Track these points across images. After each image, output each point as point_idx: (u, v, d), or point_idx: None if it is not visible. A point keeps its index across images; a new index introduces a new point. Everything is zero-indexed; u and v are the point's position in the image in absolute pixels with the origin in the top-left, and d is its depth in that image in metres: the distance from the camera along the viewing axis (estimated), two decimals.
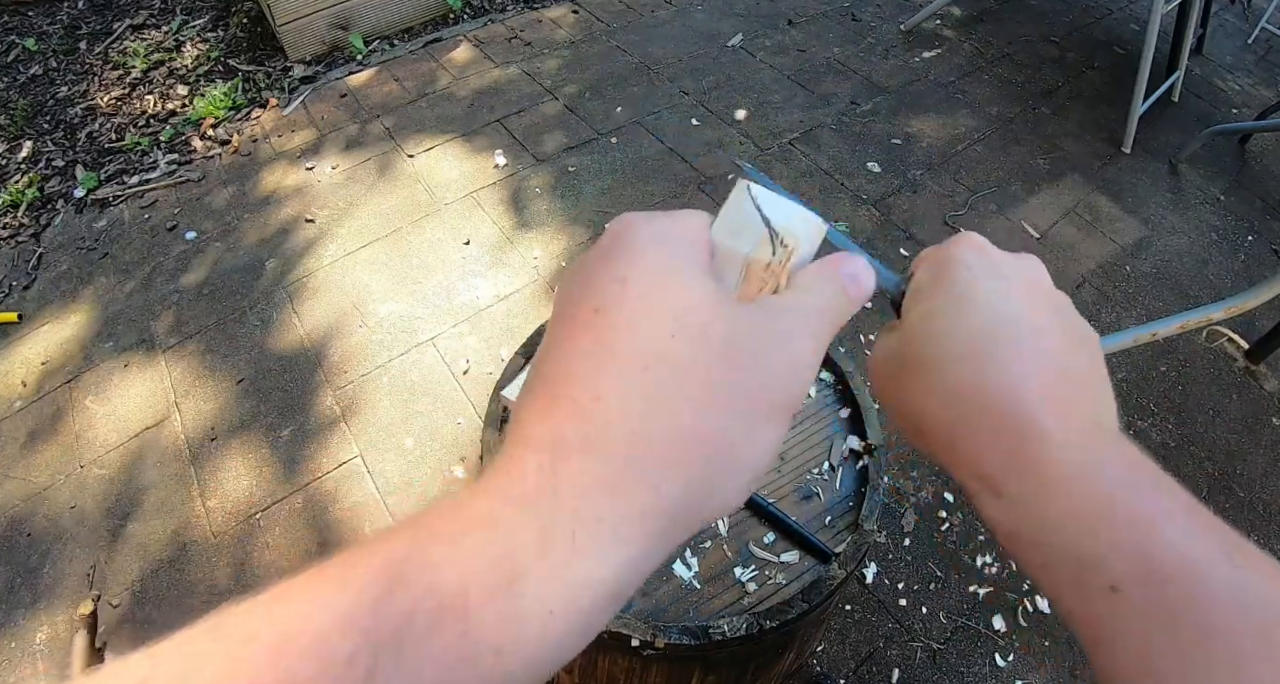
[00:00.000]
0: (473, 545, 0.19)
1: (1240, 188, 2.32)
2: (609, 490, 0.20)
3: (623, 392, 0.21)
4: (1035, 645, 1.36)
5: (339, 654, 0.17)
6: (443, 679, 0.17)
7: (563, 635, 0.19)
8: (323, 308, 1.86)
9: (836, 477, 0.92)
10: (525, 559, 0.19)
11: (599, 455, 0.21)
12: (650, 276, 0.23)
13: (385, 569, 0.18)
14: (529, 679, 0.19)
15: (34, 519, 1.51)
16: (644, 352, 0.22)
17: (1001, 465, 0.25)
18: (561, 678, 1.01)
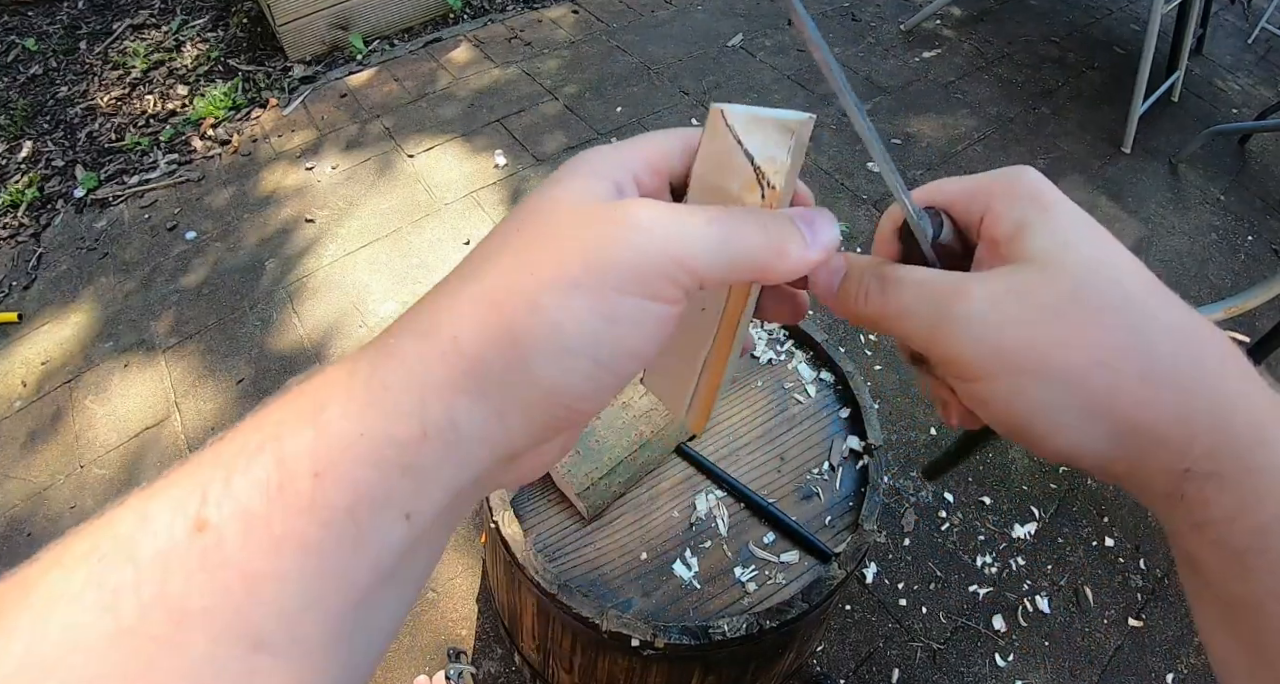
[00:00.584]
0: (297, 390, 0.21)
1: (1240, 188, 2.32)
2: (415, 335, 0.21)
3: (467, 264, 0.23)
4: (1035, 645, 1.36)
5: (179, 491, 0.18)
6: (270, 505, 0.18)
7: (376, 459, 0.19)
8: (323, 308, 1.86)
9: (836, 477, 0.92)
10: (332, 390, 0.20)
11: (420, 308, 0.22)
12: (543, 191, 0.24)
13: (232, 430, 0.21)
14: (357, 506, 0.19)
15: (34, 519, 1.51)
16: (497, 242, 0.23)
17: (1257, 419, 0.21)
18: (562, 678, 1.01)
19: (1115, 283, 0.23)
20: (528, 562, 0.81)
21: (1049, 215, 0.25)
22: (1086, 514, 1.54)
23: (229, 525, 0.18)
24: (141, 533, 0.18)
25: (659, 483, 0.91)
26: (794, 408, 0.98)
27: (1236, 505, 0.21)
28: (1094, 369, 0.22)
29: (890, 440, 1.64)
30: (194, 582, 0.17)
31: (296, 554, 0.18)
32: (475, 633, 1.35)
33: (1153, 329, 0.22)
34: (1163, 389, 0.22)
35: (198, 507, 0.18)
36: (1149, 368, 0.22)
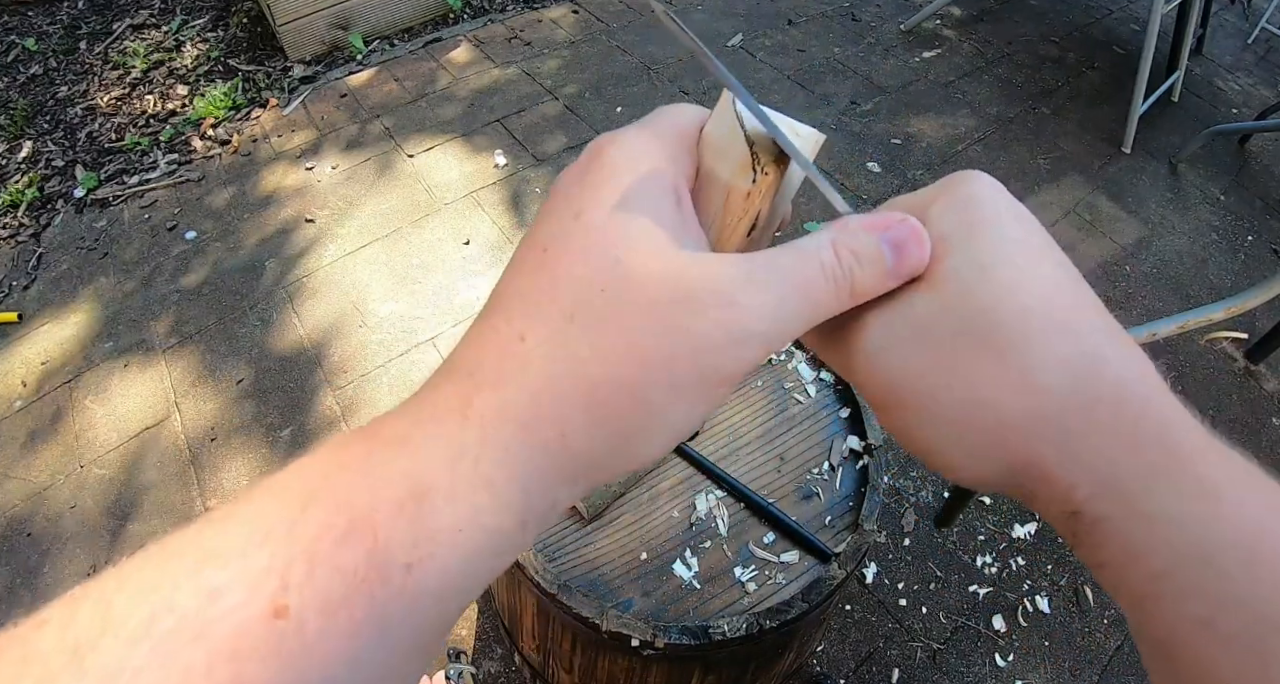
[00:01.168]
0: (381, 463, 0.20)
1: (1240, 188, 2.32)
2: (516, 427, 0.21)
3: (544, 337, 0.21)
4: (1035, 645, 1.36)
5: (254, 566, 0.17)
6: (356, 593, 0.18)
7: (473, 552, 0.20)
8: (323, 308, 1.86)
9: (836, 477, 0.92)
10: (432, 478, 0.20)
11: (511, 392, 0.21)
12: (602, 215, 0.22)
13: (302, 488, 0.19)
14: (443, 596, 0.19)
15: (34, 519, 1.51)
16: (573, 299, 0.22)
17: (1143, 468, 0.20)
18: (562, 678, 1.01)
19: (1019, 314, 0.22)
20: (528, 561, 0.81)
21: (974, 231, 0.23)
22: None
23: (310, 614, 0.17)
24: (212, 611, 0.16)
25: (659, 483, 0.91)
26: (794, 408, 0.98)
27: (1128, 552, 0.20)
28: (977, 409, 0.22)
29: (890, 440, 1.64)
30: (270, 668, 0.16)
31: (377, 640, 0.18)
32: (475, 633, 1.35)
33: (1046, 367, 0.21)
34: (1046, 429, 0.21)
35: (275, 589, 0.17)
36: (1034, 407, 0.21)
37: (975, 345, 0.22)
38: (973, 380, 0.22)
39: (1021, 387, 0.21)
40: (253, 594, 0.17)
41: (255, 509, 0.19)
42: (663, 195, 0.23)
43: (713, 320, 0.21)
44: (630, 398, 0.21)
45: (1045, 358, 0.21)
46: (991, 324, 0.22)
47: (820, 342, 0.27)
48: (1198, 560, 0.19)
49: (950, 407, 0.22)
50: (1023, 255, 0.23)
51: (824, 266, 0.23)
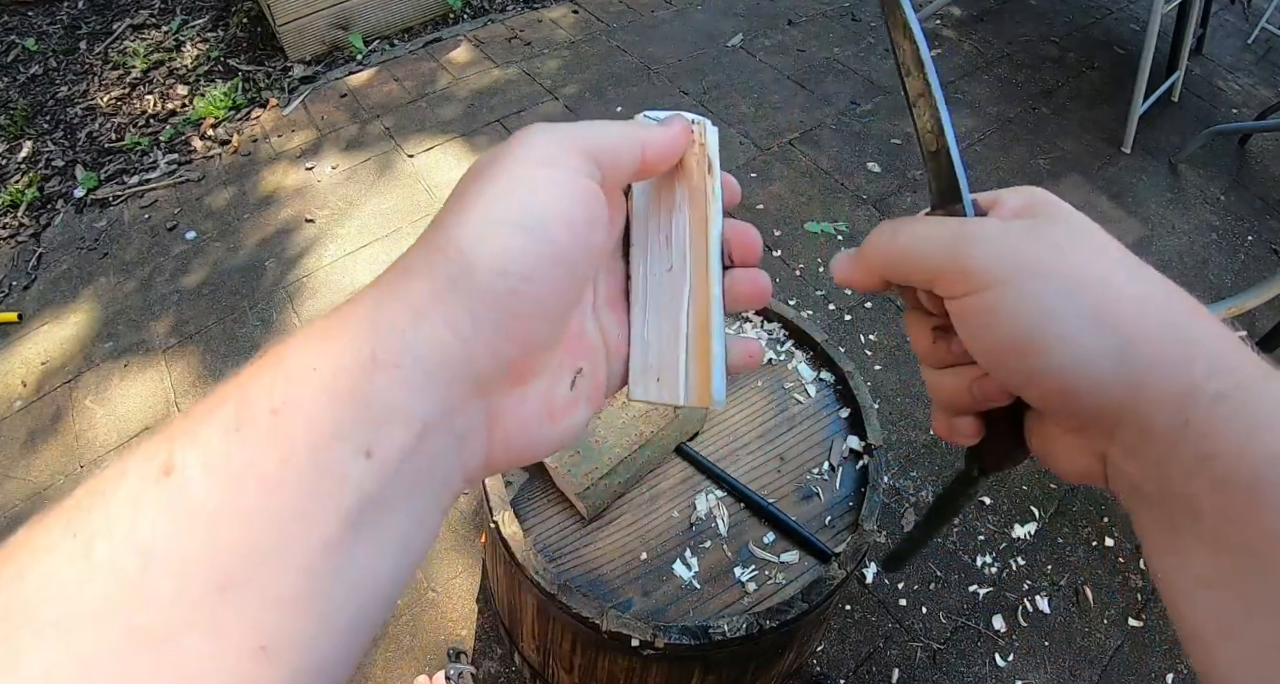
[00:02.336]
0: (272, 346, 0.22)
1: (1240, 188, 2.32)
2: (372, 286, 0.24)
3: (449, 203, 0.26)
4: (1035, 645, 1.36)
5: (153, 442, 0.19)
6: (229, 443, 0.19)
7: (330, 389, 0.20)
8: (323, 308, 1.86)
9: (836, 477, 0.92)
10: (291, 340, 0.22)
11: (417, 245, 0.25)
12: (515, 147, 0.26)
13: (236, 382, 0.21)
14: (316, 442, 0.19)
15: None
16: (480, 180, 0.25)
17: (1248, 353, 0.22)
18: (562, 678, 1.01)
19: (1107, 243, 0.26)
20: (528, 562, 0.81)
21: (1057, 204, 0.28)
22: (1086, 514, 1.54)
23: (193, 468, 0.18)
24: (115, 483, 0.18)
25: (659, 483, 0.91)
26: (794, 408, 0.98)
27: (1246, 432, 0.20)
28: (1096, 283, 0.24)
29: (890, 440, 1.64)
30: (160, 523, 0.17)
31: (257, 493, 0.18)
32: (475, 633, 1.35)
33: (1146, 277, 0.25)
34: (1161, 312, 0.24)
35: (166, 454, 0.18)
36: (1146, 294, 0.24)
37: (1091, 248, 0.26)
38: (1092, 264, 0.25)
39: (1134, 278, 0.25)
40: (147, 460, 0.18)
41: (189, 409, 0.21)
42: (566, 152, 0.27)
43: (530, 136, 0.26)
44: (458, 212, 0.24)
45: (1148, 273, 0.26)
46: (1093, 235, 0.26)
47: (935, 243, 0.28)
48: None
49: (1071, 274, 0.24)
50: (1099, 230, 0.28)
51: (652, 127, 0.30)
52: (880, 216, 2.10)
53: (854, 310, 1.86)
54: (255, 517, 0.18)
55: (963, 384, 0.30)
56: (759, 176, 2.19)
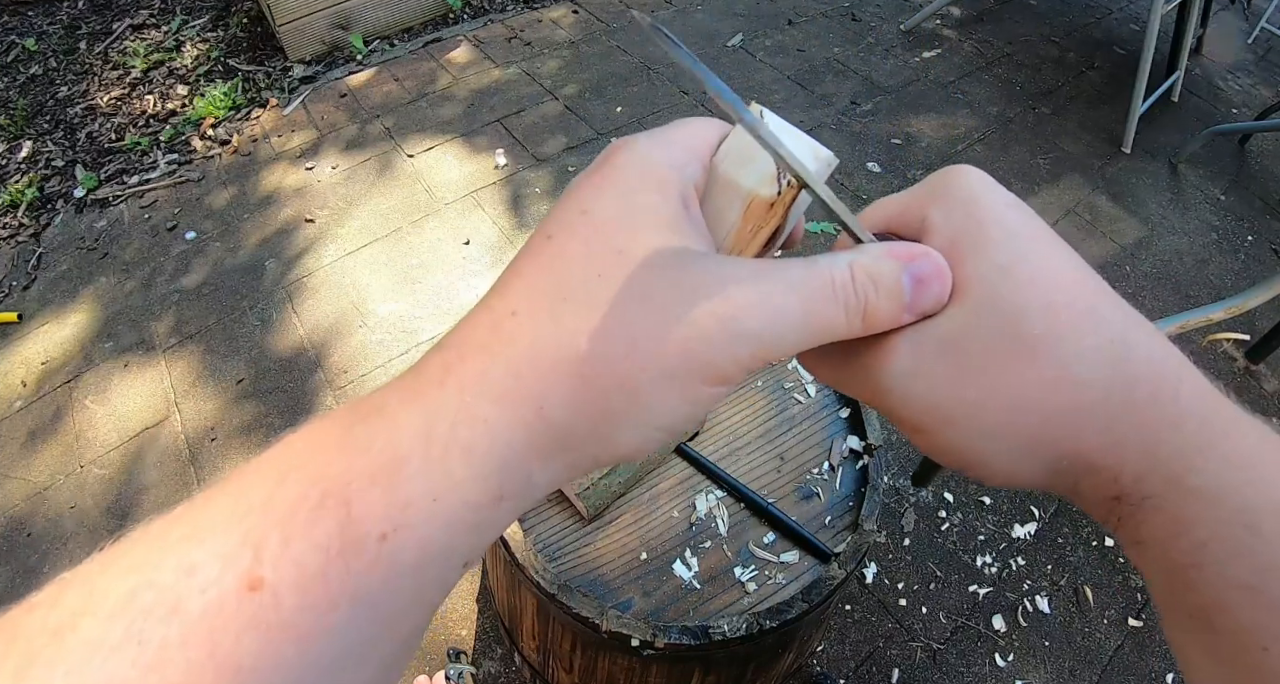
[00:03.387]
0: (360, 435, 0.20)
1: (1240, 188, 2.32)
2: (495, 396, 0.20)
3: (536, 312, 0.22)
4: (1035, 645, 1.36)
5: (229, 542, 0.17)
6: (330, 564, 0.18)
7: (449, 524, 0.19)
8: (323, 308, 1.86)
9: (836, 477, 0.92)
10: (407, 447, 0.19)
11: (492, 362, 0.21)
12: (609, 210, 0.23)
13: (280, 464, 0.19)
14: (420, 570, 0.19)
15: (34, 519, 1.51)
16: (571, 281, 0.22)
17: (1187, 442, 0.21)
18: (562, 678, 1.01)
19: (1046, 311, 0.22)
20: (528, 562, 0.81)
21: (983, 232, 0.23)
22: (1086, 514, 1.54)
23: (284, 586, 0.17)
24: (187, 586, 0.17)
25: (659, 483, 0.91)
26: (794, 408, 0.98)
27: (1171, 527, 0.21)
28: (1021, 415, 0.22)
29: (890, 440, 1.64)
30: (245, 642, 0.16)
31: (353, 612, 0.18)
32: (475, 633, 1.35)
33: (1082, 359, 0.22)
34: (1090, 420, 0.22)
35: (249, 564, 0.17)
36: (1075, 402, 0.22)
37: (1010, 352, 0.22)
38: (1013, 387, 0.22)
39: (1061, 384, 0.22)
40: (227, 568, 0.17)
41: (236, 486, 0.19)
42: (670, 197, 0.23)
43: (708, 311, 0.21)
44: (615, 377, 0.21)
45: (1080, 350, 0.22)
46: (1022, 326, 0.22)
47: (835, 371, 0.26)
48: (1242, 528, 0.20)
49: (994, 418, 0.22)
50: (1034, 249, 0.23)
51: (834, 284, 0.22)
52: None
53: None
54: (346, 631, 0.18)
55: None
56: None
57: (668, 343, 0.21)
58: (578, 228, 0.23)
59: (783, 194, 0.25)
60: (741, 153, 0.26)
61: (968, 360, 0.22)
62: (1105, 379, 0.21)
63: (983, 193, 0.24)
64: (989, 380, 0.22)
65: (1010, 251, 0.23)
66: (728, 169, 0.26)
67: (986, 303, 0.22)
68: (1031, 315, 0.22)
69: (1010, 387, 0.22)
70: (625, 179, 0.24)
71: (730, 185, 0.26)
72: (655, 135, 0.26)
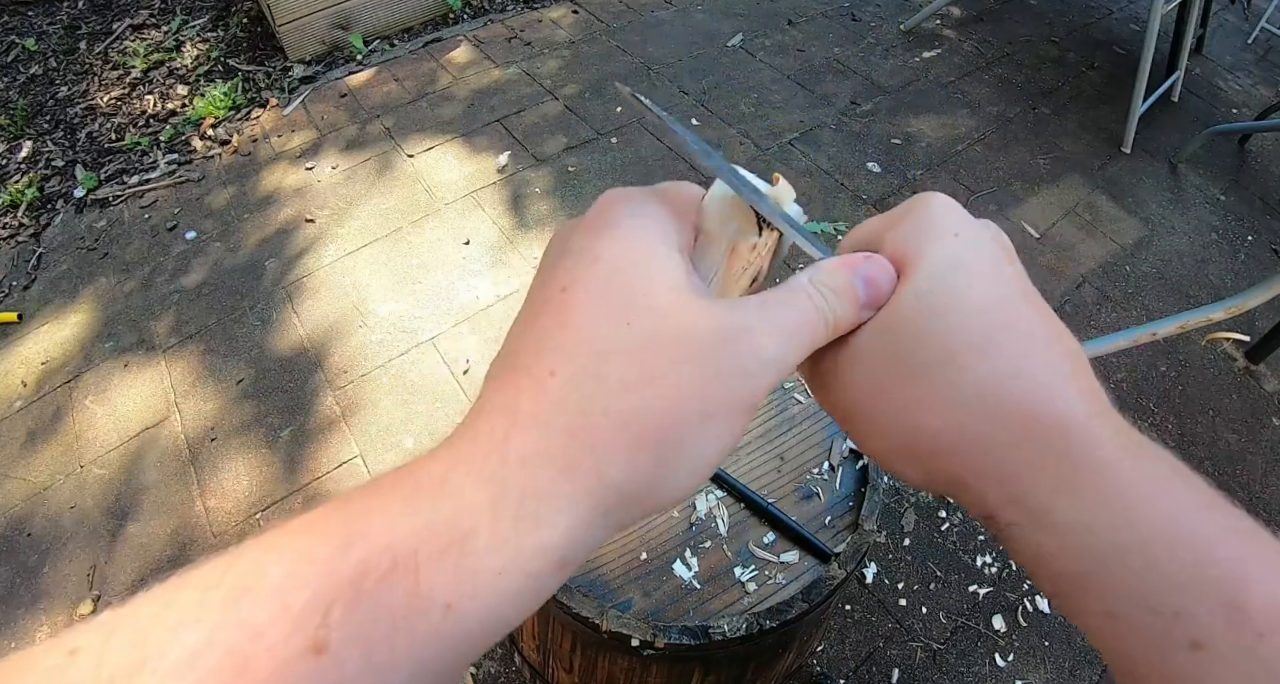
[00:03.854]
0: (425, 505, 0.20)
1: (1240, 188, 2.32)
2: (555, 465, 0.21)
3: (575, 372, 0.22)
4: (1035, 645, 1.36)
5: (295, 603, 0.17)
6: (395, 631, 0.18)
7: (513, 594, 0.20)
8: (323, 308, 1.86)
9: (836, 477, 0.92)
10: (475, 520, 0.20)
11: (548, 430, 0.21)
12: (621, 259, 0.24)
13: (342, 527, 0.19)
14: (482, 636, 0.20)
15: (34, 519, 1.51)
16: (599, 335, 0.22)
17: (1049, 482, 0.22)
18: (562, 678, 1.01)
19: (943, 336, 0.23)
20: None
21: (920, 255, 0.25)
22: None
23: (349, 651, 0.17)
24: (254, 647, 0.17)
25: None
26: (794, 408, 0.98)
27: (1036, 556, 0.23)
28: (909, 429, 0.24)
29: None
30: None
31: (414, 673, 0.18)
32: None
33: (963, 386, 0.23)
34: (963, 446, 0.23)
35: (316, 627, 0.17)
36: (953, 426, 0.23)
37: (907, 371, 0.24)
38: (904, 403, 0.24)
39: (942, 407, 0.23)
40: (294, 631, 0.17)
41: (293, 545, 0.19)
42: (672, 247, 0.25)
43: (742, 349, 0.23)
44: (665, 426, 0.22)
45: (961, 381, 0.23)
46: (920, 349, 0.24)
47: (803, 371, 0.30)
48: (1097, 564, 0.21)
49: (888, 425, 0.25)
50: (959, 279, 0.24)
51: (812, 300, 0.25)
52: None
53: None
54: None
55: None
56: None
57: (709, 383, 0.22)
58: (594, 279, 0.23)
59: (764, 237, 0.28)
60: (724, 202, 0.28)
61: (873, 373, 0.25)
62: (980, 412, 0.23)
63: (937, 218, 0.26)
64: (887, 393, 0.25)
65: (932, 279, 0.24)
66: (710, 221, 0.28)
67: (898, 323, 0.25)
68: (931, 341, 0.24)
69: (903, 402, 0.24)
70: (631, 229, 0.25)
71: (713, 235, 0.28)
72: (649, 192, 0.27)
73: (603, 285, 0.23)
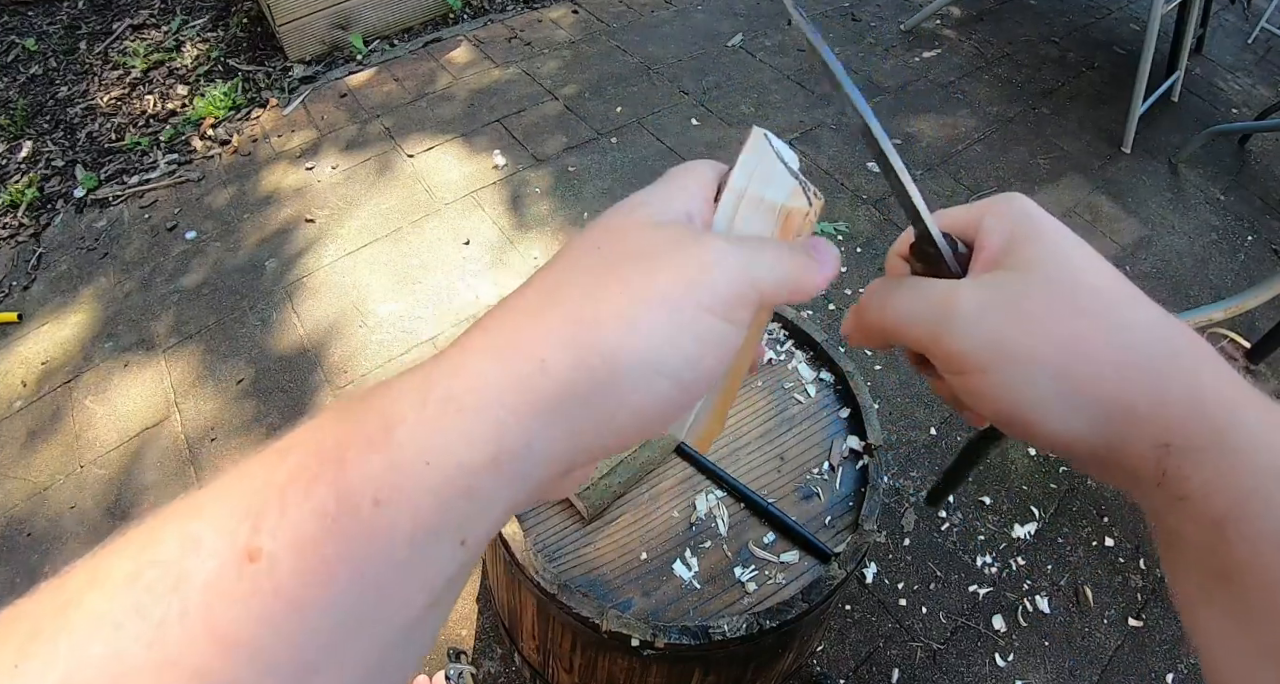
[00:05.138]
0: (360, 405, 0.20)
1: (1240, 188, 2.32)
2: (494, 356, 0.21)
3: (548, 282, 0.23)
4: (1035, 645, 1.36)
5: (230, 513, 0.18)
6: (325, 532, 0.18)
7: (442, 489, 0.19)
8: (323, 308, 1.86)
9: (836, 477, 0.92)
10: (402, 411, 0.20)
11: (498, 326, 0.22)
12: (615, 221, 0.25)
13: (285, 444, 0.20)
14: (417, 539, 0.19)
15: (34, 519, 1.51)
16: (572, 260, 0.24)
17: (1227, 402, 0.23)
18: (562, 678, 1.01)
19: (1095, 288, 0.25)
20: (528, 562, 0.81)
21: (1039, 231, 0.27)
22: (1086, 514, 1.54)
23: (282, 555, 0.17)
24: (188, 559, 0.17)
25: (659, 483, 0.91)
26: (794, 408, 0.98)
27: (1214, 479, 0.22)
28: (1074, 359, 0.24)
29: (890, 440, 1.64)
30: (243, 613, 0.16)
31: (351, 581, 0.18)
32: (475, 633, 1.35)
33: (1129, 324, 0.25)
34: (1139, 374, 0.24)
35: (249, 534, 0.17)
36: (1124, 358, 0.24)
37: (1069, 312, 0.25)
38: (1069, 338, 0.25)
39: (1114, 342, 0.24)
40: (227, 540, 0.17)
41: (243, 467, 0.19)
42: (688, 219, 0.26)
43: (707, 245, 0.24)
44: (611, 315, 0.22)
45: (1132, 319, 0.25)
46: (1081, 296, 0.25)
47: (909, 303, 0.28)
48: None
49: (1049, 359, 0.24)
50: (1082, 248, 0.27)
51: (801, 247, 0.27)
52: (880, 216, 2.10)
53: None
54: (342, 604, 0.17)
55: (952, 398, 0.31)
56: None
57: (664, 272, 0.23)
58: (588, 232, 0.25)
59: (814, 205, 0.29)
60: (765, 174, 0.28)
61: (1029, 312, 0.25)
62: (1151, 344, 0.24)
63: (1034, 210, 0.28)
64: (1046, 330, 0.25)
65: (1064, 243, 0.27)
66: (754, 188, 0.28)
67: (1048, 275, 0.26)
68: (1087, 291, 0.25)
69: (1067, 338, 0.25)
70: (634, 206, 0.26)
71: (761, 203, 0.28)
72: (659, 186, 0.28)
73: (594, 234, 0.25)
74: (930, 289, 0.28)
